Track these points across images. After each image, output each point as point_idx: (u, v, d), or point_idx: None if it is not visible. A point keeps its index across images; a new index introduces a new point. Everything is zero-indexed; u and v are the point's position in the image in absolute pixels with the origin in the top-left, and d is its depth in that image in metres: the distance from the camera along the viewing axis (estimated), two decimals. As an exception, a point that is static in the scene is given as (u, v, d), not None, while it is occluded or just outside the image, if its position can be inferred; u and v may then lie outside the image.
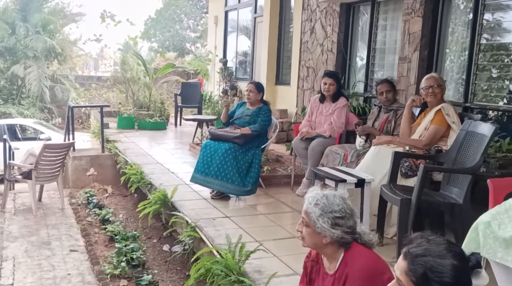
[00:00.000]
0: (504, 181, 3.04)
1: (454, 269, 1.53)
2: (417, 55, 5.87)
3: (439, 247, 1.58)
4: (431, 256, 1.56)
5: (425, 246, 1.59)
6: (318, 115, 5.40)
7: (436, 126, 4.07)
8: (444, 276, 1.52)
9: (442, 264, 1.53)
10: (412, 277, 1.56)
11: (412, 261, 1.57)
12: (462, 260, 1.56)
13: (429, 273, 1.53)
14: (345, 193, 2.22)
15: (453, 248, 1.58)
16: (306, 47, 8.44)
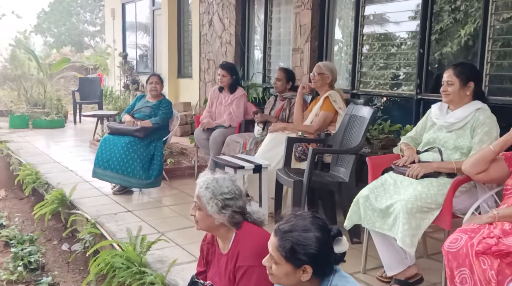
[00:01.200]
0: (381, 158, 3.35)
1: (318, 241, 1.71)
2: (309, 46, 6.19)
3: (304, 221, 1.75)
4: (297, 231, 1.72)
5: (293, 222, 1.76)
6: (217, 106, 5.52)
7: (324, 112, 4.35)
8: (309, 248, 1.70)
9: (307, 237, 1.71)
10: (282, 252, 1.72)
11: (281, 237, 1.73)
12: (325, 231, 1.74)
13: (296, 247, 1.70)
14: (234, 176, 2.34)
15: (317, 221, 1.76)
16: (205, 40, 8.52)
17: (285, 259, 1.72)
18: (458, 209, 2.86)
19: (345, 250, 1.78)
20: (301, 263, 1.71)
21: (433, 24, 4.88)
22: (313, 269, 1.72)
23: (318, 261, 1.71)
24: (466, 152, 2.93)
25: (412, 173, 2.92)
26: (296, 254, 1.70)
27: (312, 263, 1.71)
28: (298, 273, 1.73)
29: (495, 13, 4.24)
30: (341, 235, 1.78)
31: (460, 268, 2.29)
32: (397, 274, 2.96)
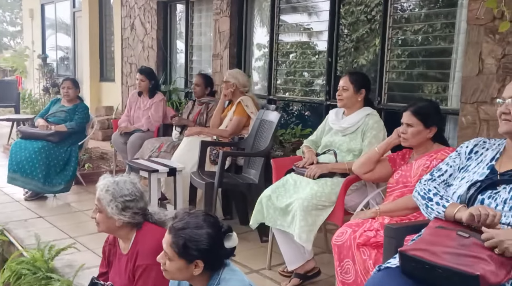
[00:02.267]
0: (284, 160, 3.58)
1: (209, 237, 1.85)
2: (228, 53, 6.35)
3: (197, 219, 1.89)
4: (189, 228, 1.85)
5: (186, 219, 1.89)
6: (136, 110, 5.55)
7: (237, 117, 4.53)
8: (201, 243, 1.83)
9: (199, 233, 1.84)
10: (175, 248, 1.84)
11: (174, 234, 1.86)
12: (216, 228, 1.89)
13: (188, 243, 1.82)
14: (135, 178, 2.43)
15: (209, 219, 1.91)
16: (127, 44, 8.47)
17: (178, 255, 1.84)
18: (350, 206, 3.12)
19: (235, 245, 1.94)
20: (193, 258, 1.83)
21: (349, 33, 5.19)
22: (204, 263, 1.85)
23: (209, 256, 1.85)
24: (358, 153, 3.21)
25: (309, 174, 3.15)
26: (188, 250, 1.82)
27: (204, 258, 1.84)
28: (190, 268, 1.85)
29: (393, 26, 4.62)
30: (231, 231, 1.93)
31: (345, 259, 2.53)
32: (297, 268, 3.17)
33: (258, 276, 3.37)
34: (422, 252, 1.78)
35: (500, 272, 1.64)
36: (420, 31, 4.58)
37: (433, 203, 2.00)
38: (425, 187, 2.09)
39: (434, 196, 2.02)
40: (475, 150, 2.08)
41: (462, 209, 1.87)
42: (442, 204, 1.96)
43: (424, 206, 2.04)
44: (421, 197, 2.07)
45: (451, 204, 1.93)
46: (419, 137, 2.72)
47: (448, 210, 1.92)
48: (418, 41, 4.60)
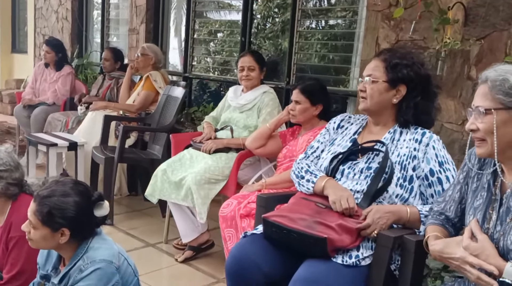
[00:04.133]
0: (183, 135, 3.61)
1: (76, 205, 1.83)
2: (144, 27, 6.22)
3: (64, 187, 1.86)
4: (55, 196, 1.82)
5: (52, 187, 1.86)
6: (42, 83, 5.34)
7: (146, 91, 4.48)
8: (67, 211, 1.81)
9: (65, 201, 1.82)
10: (39, 216, 1.81)
11: (39, 202, 1.82)
12: (85, 196, 1.87)
13: (54, 211, 1.80)
14: (10, 148, 2.36)
15: (78, 187, 1.89)
16: (41, 14, 8.05)
17: (42, 223, 1.81)
18: (243, 180, 3.21)
19: (106, 214, 1.94)
20: (59, 226, 1.81)
21: (276, 16, 5.23)
22: (71, 232, 1.84)
23: (76, 225, 1.83)
24: (254, 130, 3.29)
25: (205, 148, 3.20)
26: (53, 218, 1.80)
27: (70, 226, 1.83)
28: (56, 236, 1.83)
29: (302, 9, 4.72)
30: (102, 200, 1.93)
31: (227, 228, 2.61)
32: (191, 241, 3.23)
33: (154, 249, 3.40)
34: (282, 218, 1.88)
35: (345, 238, 1.77)
36: (329, 16, 4.73)
37: (304, 181, 2.07)
38: (299, 165, 2.17)
39: (305, 173, 2.09)
40: (341, 125, 2.20)
41: (329, 181, 1.98)
42: (311, 180, 2.05)
43: (297, 184, 2.12)
44: (295, 176, 2.14)
45: (320, 177, 2.03)
46: (306, 114, 2.84)
47: (316, 184, 2.01)
48: (326, 25, 4.75)
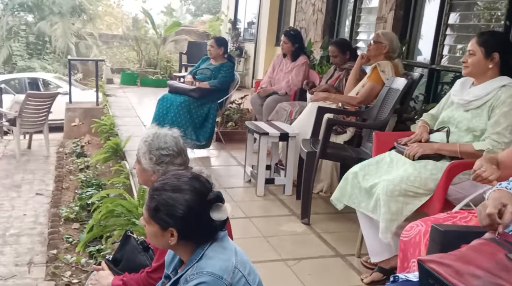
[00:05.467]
0: (390, 135, 3.01)
1: (186, 203, 1.57)
2: (392, 15, 5.68)
3: (178, 181, 1.62)
4: (166, 190, 1.60)
5: (166, 180, 1.64)
6: (278, 72, 5.40)
7: (371, 83, 4.00)
8: (175, 209, 1.57)
9: (174, 197, 1.58)
10: (148, 210, 1.62)
11: (150, 195, 1.63)
12: (199, 195, 1.60)
13: (161, 207, 1.59)
14: (177, 132, 2.28)
15: (193, 183, 1.62)
16: (300, 7, 8.30)
17: (151, 218, 1.63)
18: (456, 198, 2.45)
19: (224, 218, 1.64)
20: (167, 225, 1.60)
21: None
22: (179, 233, 1.61)
23: (185, 226, 1.60)
24: (479, 134, 2.50)
25: (409, 152, 2.58)
26: (160, 214, 1.60)
27: (178, 227, 1.60)
28: (166, 235, 1.62)
29: None
30: (220, 201, 1.64)
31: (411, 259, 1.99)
32: (381, 262, 2.67)
33: (342, 261, 2.96)
34: (444, 267, 1.25)
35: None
36: None
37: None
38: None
39: None
40: None
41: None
42: None
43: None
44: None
45: None
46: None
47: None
48: None
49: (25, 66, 14.50)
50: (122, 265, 2.32)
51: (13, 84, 12.47)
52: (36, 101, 6.65)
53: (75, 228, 4.77)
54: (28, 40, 15.21)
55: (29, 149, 7.19)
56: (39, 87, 13.09)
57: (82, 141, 7.18)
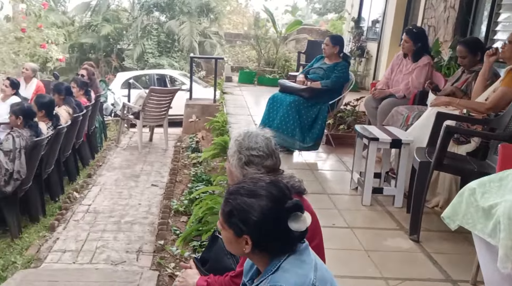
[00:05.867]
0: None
1: (261, 210, 1.46)
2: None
3: (255, 186, 1.50)
4: (241, 195, 1.50)
5: (243, 184, 1.53)
6: (397, 74, 5.02)
7: (504, 88, 3.51)
8: (249, 215, 1.47)
9: (249, 203, 1.47)
10: (222, 214, 1.53)
11: (225, 198, 1.53)
12: (276, 202, 1.47)
13: (235, 212, 1.49)
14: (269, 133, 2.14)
15: (271, 189, 1.49)
16: (430, 4, 7.69)
17: (225, 223, 1.53)
18: None
19: (303, 229, 1.48)
20: (241, 232, 1.49)
21: None
22: (253, 241, 1.48)
23: (259, 234, 1.47)
24: None
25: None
26: (233, 220, 1.49)
27: (252, 235, 1.47)
28: (240, 242, 1.51)
29: None
30: (299, 210, 1.47)
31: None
32: (500, 296, 2.28)
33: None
34: None
35: None
36: None
37: None
38: None
39: None
40: None
41: None
42: None
43: None
44: None
45: None
46: None
47: None
48: None
49: (155, 63, 15.51)
50: (209, 266, 2.27)
51: (143, 80, 13.39)
52: (158, 97, 7.02)
53: (183, 221, 4.90)
54: (159, 38, 16.25)
55: (150, 142, 7.62)
56: (166, 83, 13.87)
57: (197, 137, 7.42)
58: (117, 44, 17.06)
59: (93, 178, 6.05)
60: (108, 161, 6.66)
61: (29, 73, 7.30)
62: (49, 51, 12.53)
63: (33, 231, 4.66)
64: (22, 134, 4.58)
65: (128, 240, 4.51)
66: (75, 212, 5.04)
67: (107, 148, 7.51)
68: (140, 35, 16.00)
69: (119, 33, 16.74)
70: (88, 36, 16.41)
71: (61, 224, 4.75)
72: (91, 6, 17.29)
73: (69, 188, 5.76)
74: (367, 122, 5.40)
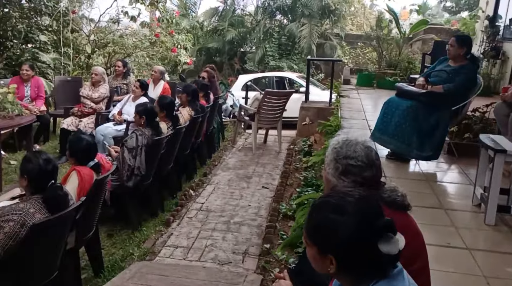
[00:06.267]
0: None
1: (347, 228, 1.33)
2: None
3: (342, 200, 1.37)
4: (326, 209, 1.38)
5: (330, 198, 1.40)
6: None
7: None
8: (333, 233, 1.34)
9: (334, 219, 1.35)
10: (306, 229, 1.43)
11: (309, 212, 1.42)
12: (365, 220, 1.32)
13: (319, 228, 1.39)
14: (369, 142, 1.98)
15: (361, 205, 1.34)
16: None
17: (308, 238, 1.43)
18: None
19: (395, 252, 1.32)
20: (325, 250, 1.37)
21: None
22: (338, 261, 1.35)
23: (345, 254, 1.34)
24: None
25: None
26: (317, 236, 1.38)
27: (336, 254, 1.35)
28: (325, 261, 1.40)
29: None
30: (391, 230, 1.32)
31: None
32: None
33: None
34: None
35: None
36: None
37: None
38: None
39: None
40: None
41: None
42: None
43: None
44: None
45: None
46: None
47: None
48: None
49: (275, 66, 15.74)
50: (303, 278, 2.17)
51: (263, 82, 13.63)
52: (272, 99, 7.06)
53: (290, 225, 4.84)
54: (280, 41, 16.46)
55: (264, 144, 7.70)
56: (285, 86, 13.98)
57: (310, 140, 7.33)
58: (241, 47, 17.65)
59: (208, 177, 6.26)
60: (224, 161, 6.86)
61: (157, 76, 7.82)
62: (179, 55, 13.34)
63: (151, 225, 4.93)
64: (144, 133, 4.89)
65: (235, 240, 4.57)
66: (189, 209, 5.25)
67: (223, 148, 7.75)
68: (262, 38, 16.36)
69: (243, 37, 17.30)
70: (214, 41, 17.21)
71: (176, 220, 4.97)
72: (218, 11, 18.11)
73: (186, 185, 6.02)
74: (496, 131, 4.86)
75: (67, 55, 10.20)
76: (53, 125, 8.00)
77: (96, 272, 3.99)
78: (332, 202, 1.40)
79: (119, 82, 7.98)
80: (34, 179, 2.94)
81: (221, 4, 18.15)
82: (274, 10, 16.95)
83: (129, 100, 6.80)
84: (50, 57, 9.87)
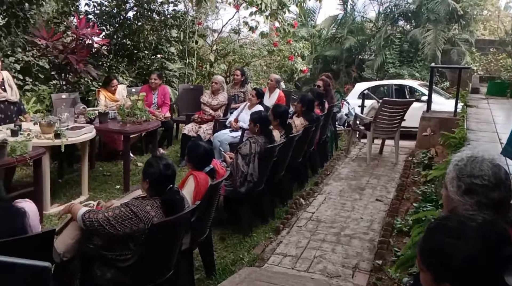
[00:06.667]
0: None
1: (465, 255, 1.19)
2: None
3: (463, 225, 1.22)
4: (443, 233, 1.25)
5: (448, 220, 1.26)
6: None
7: None
8: (450, 260, 1.21)
9: (452, 244, 1.21)
10: (419, 253, 1.29)
11: (423, 234, 1.29)
12: (487, 247, 1.16)
13: (433, 252, 1.26)
14: (497, 159, 1.76)
15: (483, 230, 1.19)
16: None
17: (421, 262, 1.30)
18: None
19: None
20: (439, 277, 1.24)
21: None
22: None
23: (463, 284, 1.19)
24: None
25: None
26: (431, 260, 1.25)
27: (454, 284, 1.21)
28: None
29: None
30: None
31: None
32: None
33: None
34: None
35: None
36: None
37: None
38: None
39: None
40: None
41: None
42: None
43: None
44: None
45: None
46: None
47: None
48: None
49: (394, 73, 15.14)
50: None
51: (381, 90, 13.18)
52: (390, 108, 6.77)
53: (405, 242, 4.58)
54: (402, 48, 15.80)
55: (380, 154, 7.41)
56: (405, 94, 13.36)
57: (431, 153, 6.90)
58: (359, 55, 17.30)
59: (320, 186, 6.18)
60: (336, 171, 6.72)
61: (273, 84, 7.93)
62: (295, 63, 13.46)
63: (261, 231, 4.97)
64: (258, 140, 4.96)
65: (345, 253, 4.43)
66: (299, 218, 5.21)
67: (336, 157, 7.61)
68: (382, 45, 15.86)
69: (362, 44, 16.94)
70: (332, 48, 17.08)
71: (286, 228, 4.96)
72: (337, 19, 17.96)
73: (297, 194, 6.00)
74: None
75: (191, 65, 10.79)
76: (176, 131, 8.51)
77: (208, 274, 4.11)
78: (450, 225, 1.27)
79: (237, 91, 8.24)
80: (154, 182, 3.11)
81: (341, 12, 17.98)
82: (396, 16, 16.36)
83: (245, 108, 6.98)
84: (176, 67, 10.53)
